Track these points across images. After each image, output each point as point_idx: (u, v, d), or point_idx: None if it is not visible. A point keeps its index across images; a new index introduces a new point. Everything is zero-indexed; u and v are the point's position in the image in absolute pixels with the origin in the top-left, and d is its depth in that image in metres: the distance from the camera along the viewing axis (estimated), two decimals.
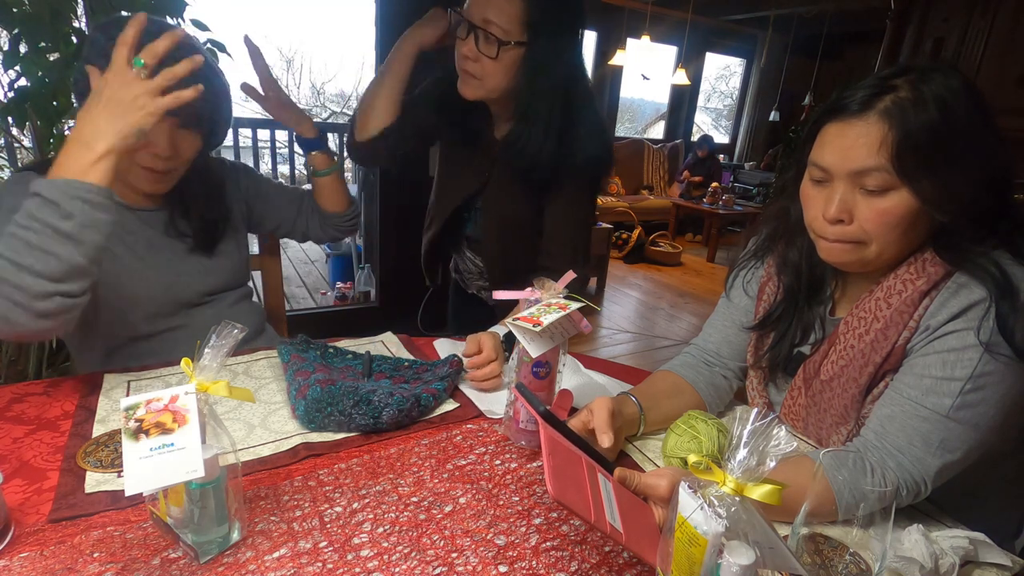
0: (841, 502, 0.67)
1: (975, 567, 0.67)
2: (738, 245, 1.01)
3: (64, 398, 0.88)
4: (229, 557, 0.61)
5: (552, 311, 0.79)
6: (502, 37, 1.04)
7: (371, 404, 0.83)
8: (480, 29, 1.04)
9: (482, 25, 1.04)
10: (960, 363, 0.69)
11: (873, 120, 0.69)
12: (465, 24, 1.06)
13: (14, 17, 1.52)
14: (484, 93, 1.12)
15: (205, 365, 0.60)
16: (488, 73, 1.08)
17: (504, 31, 1.04)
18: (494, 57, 1.06)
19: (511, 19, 1.04)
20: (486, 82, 1.09)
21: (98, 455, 0.74)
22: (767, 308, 0.91)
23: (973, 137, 0.69)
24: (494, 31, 1.04)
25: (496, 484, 0.76)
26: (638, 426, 0.87)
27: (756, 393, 0.94)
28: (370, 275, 3.39)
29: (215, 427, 0.60)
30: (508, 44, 1.05)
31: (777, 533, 0.51)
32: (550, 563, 0.63)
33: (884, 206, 0.70)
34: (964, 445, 0.70)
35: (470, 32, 1.06)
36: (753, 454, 0.50)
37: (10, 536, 0.61)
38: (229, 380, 0.71)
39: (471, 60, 1.08)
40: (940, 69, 0.70)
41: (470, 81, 1.10)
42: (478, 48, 1.06)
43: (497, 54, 1.05)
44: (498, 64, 1.07)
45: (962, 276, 0.71)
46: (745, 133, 7.74)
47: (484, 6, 1.04)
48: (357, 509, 0.69)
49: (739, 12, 6.24)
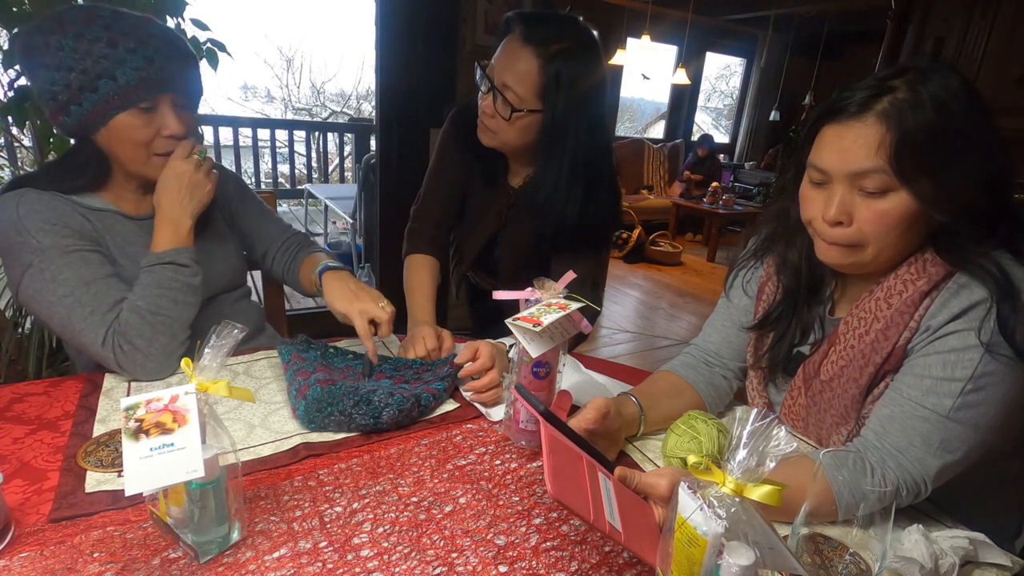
0: (841, 502, 0.67)
1: (975, 567, 0.67)
2: (738, 245, 1.01)
3: (64, 398, 0.88)
4: (229, 557, 0.61)
5: (552, 311, 0.79)
6: (515, 104, 1.06)
7: (371, 404, 0.83)
8: (498, 90, 1.06)
9: (500, 88, 1.06)
10: (961, 363, 0.69)
11: (871, 122, 0.69)
12: (487, 79, 1.08)
13: (14, 17, 1.52)
14: (498, 144, 1.14)
15: (205, 365, 0.60)
16: (502, 129, 1.10)
17: (519, 99, 1.05)
18: (507, 119, 1.07)
19: (527, 88, 1.05)
20: (500, 136, 1.12)
21: (98, 455, 0.74)
22: (767, 308, 0.91)
23: (972, 137, 0.69)
24: (509, 96, 1.05)
25: (496, 484, 0.76)
26: (638, 426, 0.87)
27: (756, 393, 0.94)
28: (370, 275, 3.39)
29: (215, 427, 0.60)
30: (521, 112, 1.06)
31: (777, 533, 0.51)
32: (550, 563, 0.63)
33: (883, 207, 0.70)
34: (964, 445, 0.70)
35: (491, 89, 1.07)
36: (753, 454, 0.50)
37: (10, 536, 0.61)
38: (229, 380, 0.71)
39: (488, 115, 1.10)
40: (938, 69, 0.70)
41: (486, 132, 1.13)
42: (494, 106, 1.08)
43: (510, 118, 1.07)
44: (510, 125, 1.08)
45: (963, 276, 0.71)
46: (745, 133, 7.74)
47: (504, 70, 1.05)
48: (357, 509, 0.69)
49: (739, 12, 6.23)
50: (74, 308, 0.88)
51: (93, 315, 0.89)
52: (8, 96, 1.59)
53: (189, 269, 0.95)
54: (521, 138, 1.11)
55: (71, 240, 0.91)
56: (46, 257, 0.88)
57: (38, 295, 0.89)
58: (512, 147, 1.15)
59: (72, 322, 0.89)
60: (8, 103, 1.58)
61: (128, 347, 0.89)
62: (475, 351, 0.98)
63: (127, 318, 0.90)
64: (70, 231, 0.91)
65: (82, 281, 0.89)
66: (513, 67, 1.05)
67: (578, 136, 1.09)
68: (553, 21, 1.07)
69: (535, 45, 1.03)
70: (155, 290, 0.91)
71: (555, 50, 1.03)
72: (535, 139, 1.11)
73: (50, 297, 0.89)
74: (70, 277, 0.89)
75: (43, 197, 0.92)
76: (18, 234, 0.88)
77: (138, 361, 0.90)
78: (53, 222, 0.90)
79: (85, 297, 0.89)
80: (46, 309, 0.90)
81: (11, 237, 0.89)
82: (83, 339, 0.89)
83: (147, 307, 0.90)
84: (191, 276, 0.95)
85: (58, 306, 0.89)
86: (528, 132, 1.10)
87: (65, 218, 0.92)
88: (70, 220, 0.92)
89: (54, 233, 0.89)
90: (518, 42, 1.05)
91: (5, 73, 1.61)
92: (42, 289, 0.89)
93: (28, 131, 1.79)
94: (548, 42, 1.03)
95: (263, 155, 5.56)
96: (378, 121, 2.83)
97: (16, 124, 1.62)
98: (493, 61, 1.09)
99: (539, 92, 1.05)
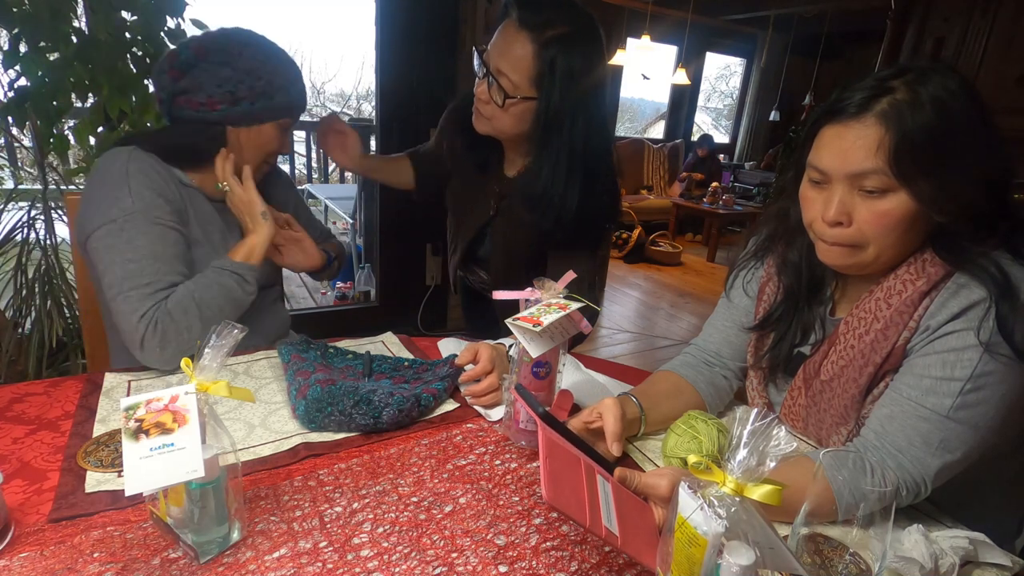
0: (841, 502, 0.67)
1: (975, 567, 0.67)
2: (738, 245, 1.01)
3: (64, 398, 0.88)
4: (229, 557, 0.61)
5: (552, 311, 0.79)
6: (509, 91, 1.03)
7: (371, 404, 0.83)
8: (492, 76, 1.04)
9: (494, 73, 1.03)
10: (960, 363, 0.69)
11: (870, 122, 0.69)
12: (483, 65, 1.06)
13: (14, 17, 1.52)
14: (493, 132, 1.12)
15: (205, 365, 0.60)
16: (496, 116, 1.08)
17: (513, 85, 1.03)
18: (500, 106, 1.05)
19: (521, 74, 1.02)
20: (494, 123, 1.10)
21: (98, 455, 0.74)
22: (767, 308, 0.91)
23: (971, 138, 0.69)
24: (503, 83, 1.03)
25: (496, 484, 0.76)
26: (638, 426, 0.87)
27: (756, 393, 0.94)
28: (370, 275, 3.39)
29: (215, 427, 0.60)
30: (514, 98, 1.04)
31: (777, 533, 0.51)
32: (550, 563, 0.63)
33: (883, 208, 0.70)
34: (964, 445, 0.70)
35: (486, 75, 1.05)
36: (753, 454, 0.50)
37: (10, 536, 0.61)
38: (229, 380, 0.71)
39: (483, 101, 1.08)
40: (938, 70, 0.70)
41: (480, 118, 1.11)
42: (488, 92, 1.06)
43: (503, 104, 1.05)
44: (504, 112, 1.06)
45: (962, 276, 0.71)
46: (745, 133, 7.74)
47: (499, 56, 1.03)
48: (357, 509, 0.69)
49: (739, 12, 6.23)
50: (133, 275, 0.93)
51: (147, 288, 0.94)
52: (8, 96, 1.59)
53: (250, 287, 1.03)
54: (516, 126, 1.08)
55: (161, 212, 0.98)
56: (132, 220, 0.95)
57: (107, 250, 0.94)
58: (507, 135, 1.12)
59: (123, 286, 0.93)
60: (8, 103, 1.58)
61: (164, 327, 0.93)
62: (475, 353, 0.97)
63: (180, 299, 0.95)
64: (164, 201, 0.99)
65: (153, 254, 0.95)
66: (508, 52, 1.02)
67: (575, 127, 1.06)
68: (550, 5, 1.03)
69: (531, 30, 1.01)
70: (216, 289, 0.99)
71: (551, 36, 1.00)
72: (530, 128, 1.08)
73: (117, 256, 0.94)
74: (143, 246, 0.95)
75: (149, 160, 1.00)
76: (118, 187, 0.95)
77: (164, 344, 0.93)
78: (154, 188, 0.98)
79: (148, 269, 0.95)
80: (106, 264, 0.94)
81: (110, 187, 0.96)
82: (124, 305, 0.93)
83: (201, 299, 0.97)
84: (247, 295, 1.03)
85: (119, 267, 0.94)
86: (523, 120, 1.07)
87: (165, 187, 1.00)
88: (167, 190, 1.00)
89: (150, 199, 0.97)
90: (514, 27, 1.02)
91: (5, 73, 1.61)
92: (113, 246, 0.94)
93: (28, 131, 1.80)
94: (544, 27, 1.00)
95: None
96: (378, 121, 2.83)
97: (16, 124, 1.62)
98: (489, 46, 1.06)
99: (534, 79, 1.02)
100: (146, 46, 1.69)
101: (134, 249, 0.94)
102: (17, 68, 1.56)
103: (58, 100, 1.60)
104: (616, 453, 0.78)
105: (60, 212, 1.89)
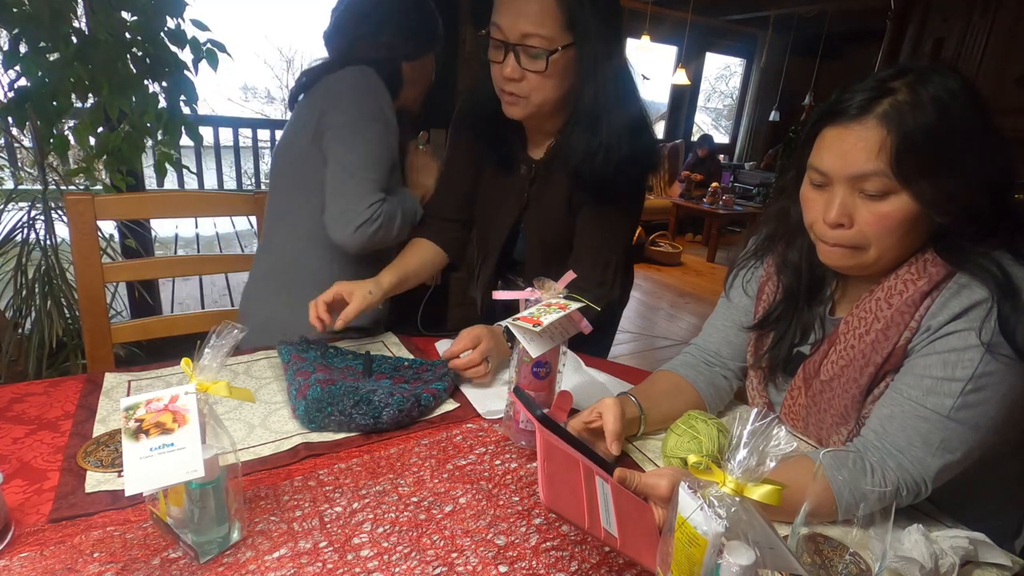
0: (841, 502, 0.67)
1: (975, 567, 0.67)
2: (738, 245, 1.01)
3: (64, 398, 0.88)
4: (229, 557, 0.61)
5: (552, 311, 0.79)
6: (548, 47, 0.96)
7: (371, 404, 0.83)
8: (519, 46, 0.97)
9: (520, 41, 0.97)
10: (961, 363, 0.69)
11: (871, 124, 0.68)
12: (499, 45, 0.99)
13: (14, 17, 1.52)
14: (534, 109, 1.04)
15: (205, 365, 0.60)
16: (535, 88, 1.01)
17: (548, 40, 0.96)
18: (543, 71, 0.98)
19: (551, 26, 0.96)
20: (534, 97, 1.02)
21: (98, 455, 0.74)
22: (767, 308, 0.91)
23: (972, 138, 0.69)
24: (536, 43, 0.96)
25: (496, 484, 0.76)
26: (638, 426, 0.87)
27: (756, 393, 0.94)
28: None
29: (215, 427, 0.60)
30: (556, 52, 0.97)
31: (777, 533, 0.51)
32: (550, 563, 0.63)
33: (884, 210, 0.70)
34: (964, 445, 0.70)
35: (507, 52, 0.99)
36: (753, 454, 0.50)
37: (10, 536, 0.61)
38: (229, 380, 0.71)
39: (514, 81, 1.01)
40: (938, 70, 0.69)
41: (517, 101, 1.03)
42: (521, 66, 0.99)
43: (547, 66, 0.98)
44: (547, 76, 0.99)
45: (963, 277, 0.71)
46: (745, 133, 7.74)
47: (517, 21, 0.96)
48: (357, 509, 0.69)
49: (739, 12, 6.24)
50: (378, 169, 1.15)
51: (376, 183, 1.14)
52: (8, 96, 1.60)
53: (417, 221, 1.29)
54: (560, 86, 1.01)
55: (394, 132, 1.19)
56: (389, 127, 1.18)
57: (374, 144, 1.15)
58: (549, 104, 1.04)
59: (365, 172, 1.13)
60: (8, 103, 1.58)
61: (383, 222, 1.14)
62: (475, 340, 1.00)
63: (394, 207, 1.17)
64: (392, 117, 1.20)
65: (391, 163, 1.19)
66: (526, 13, 0.95)
67: (611, 55, 1.00)
68: None
69: None
70: (411, 205, 1.25)
71: None
72: (574, 80, 1.01)
73: (377, 152, 1.15)
74: (383, 152, 1.16)
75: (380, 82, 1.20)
76: (375, 100, 1.17)
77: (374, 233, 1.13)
78: (390, 105, 1.19)
79: (383, 170, 1.16)
80: (362, 153, 1.14)
81: (364, 90, 1.17)
82: (360, 187, 1.12)
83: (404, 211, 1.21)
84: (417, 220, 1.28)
85: (364, 155, 1.14)
86: (566, 74, 1.01)
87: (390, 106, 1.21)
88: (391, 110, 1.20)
89: (391, 118, 1.19)
90: None
91: (5, 73, 1.61)
92: (364, 135, 1.14)
93: (28, 131, 1.80)
94: None
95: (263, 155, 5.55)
96: None
97: (16, 124, 1.62)
98: (497, 22, 0.98)
99: (565, 24, 0.96)
100: (146, 46, 1.69)
101: (387, 151, 1.16)
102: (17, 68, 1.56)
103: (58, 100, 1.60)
104: (615, 452, 0.78)
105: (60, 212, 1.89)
